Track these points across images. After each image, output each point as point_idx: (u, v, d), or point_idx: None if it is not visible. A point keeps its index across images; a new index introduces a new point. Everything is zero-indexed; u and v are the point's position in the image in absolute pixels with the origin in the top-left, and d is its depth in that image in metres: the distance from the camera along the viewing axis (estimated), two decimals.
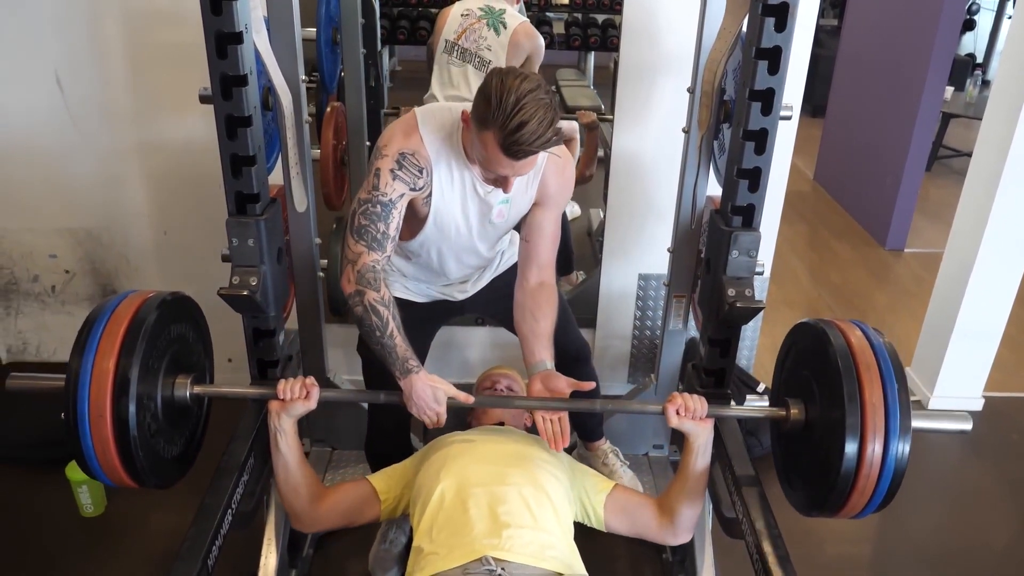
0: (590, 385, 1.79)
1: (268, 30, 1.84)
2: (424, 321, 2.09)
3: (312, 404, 1.72)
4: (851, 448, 1.46)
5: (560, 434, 1.74)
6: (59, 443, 2.55)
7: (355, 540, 2.26)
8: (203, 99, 1.70)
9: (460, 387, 2.54)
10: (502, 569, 1.51)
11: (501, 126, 1.48)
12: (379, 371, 2.04)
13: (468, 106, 1.61)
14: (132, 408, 1.48)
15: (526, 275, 1.87)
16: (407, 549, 2.13)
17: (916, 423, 1.50)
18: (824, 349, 1.56)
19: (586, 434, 2.41)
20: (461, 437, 1.87)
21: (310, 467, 1.82)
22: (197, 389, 1.69)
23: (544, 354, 1.80)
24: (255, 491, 1.85)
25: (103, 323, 1.52)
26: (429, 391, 1.69)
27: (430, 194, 1.73)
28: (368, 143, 2.78)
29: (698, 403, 1.71)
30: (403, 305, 1.97)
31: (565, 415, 1.76)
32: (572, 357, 2.17)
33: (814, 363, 1.62)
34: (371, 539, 2.22)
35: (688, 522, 1.81)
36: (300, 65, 1.95)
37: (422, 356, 2.13)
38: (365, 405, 2.56)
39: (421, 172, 1.68)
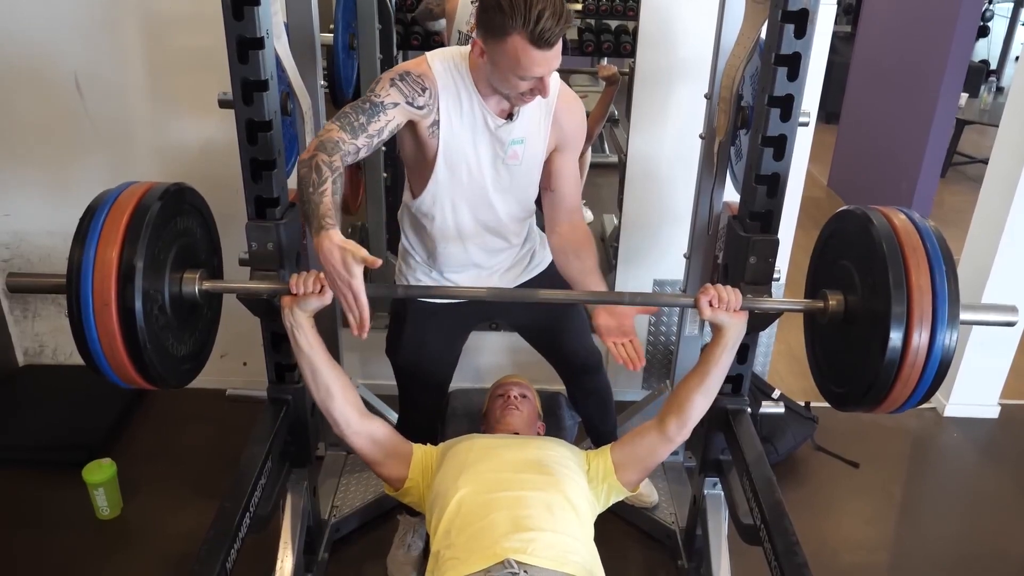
0: (654, 308, 1.78)
1: (287, 35, 1.85)
2: (454, 329, 2.07)
3: (327, 299, 1.62)
4: (896, 336, 1.40)
5: (635, 356, 1.75)
6: (76, 446, 2.60)
7: (372, 544, 2.27)
8: (222, 103, 1.71)
9: (472, 392, 2.57)
10: (524, 572, 1.49)
11: (524, 23, 1.49)
12: (411, 376, 2.04)
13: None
14: (138, 297, 1.41)
15: (556, 221, 1.90)
16: (425, 554, 2.13)
17: (963, 315, 1.43)
18: (867, 234, 1.49)
19: (600, 440, 2.40)
20: (480, 442, 1.86)
21: (340, 369, 1.75)
22: (206, 285, 1.62)
23: (599, 288, 1.84)
24: (272, 494, 1.85)
25: (105, 212, 1.45)
26: (337, 252, 1.44)
27: (437, 122, 1.71)
28: (383, 147, 2.78)
29: (732, 294, 1.65)
30: (429, 309, 1.97)
31: (635, 337, 1.78)
32: (582, 364, 2.17)
33: (855, 250, 1.56)
34: (388, 543, 2.23)
35: (695, 419, 1.78)
36: (319, 70, 1.96)
37: (452, 363, 2.13)
38: (388, 415, 2.58)
39: (424, 91, 1.67)
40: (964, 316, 1.44)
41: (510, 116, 1.74)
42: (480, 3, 1.56)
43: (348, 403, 1.74)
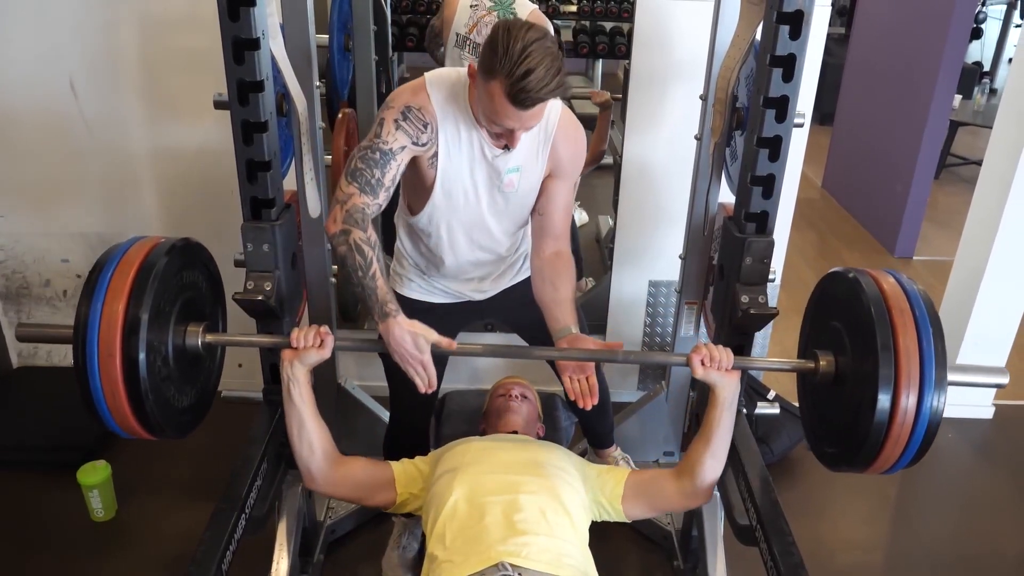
0: (619, 344, 1.77)
1: (283, 36, 1.85)
2: (444, 328, 2.07)
3: (326, 353, 1.67)
4: (884, 399, 1.41)
5: (588, 392, 1.71)
6: (71, 447, 2.59)
7: (367, 545, 2.26)
8: (217, 105, 1.71)
9: (469, 394, 2.57)
10: (519, 575, 1.50)
11: (508, 74, 1.47)
12: (402, 374, 2.04)
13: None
14: (142, 349, 1.44)
15: (541, 246, 1.86)
16: (420, 555, 2.13)
17: (952, 377, 1.45)
18: (856, 297, 1.51)
19: (597, 441, 2.41)
20: (476, 444, 1.86)
21: (324, 425, 1.77)
22: (209, 337, 1.65)
23: (568, 319, 1.77)
24: (267, 496, 1.85)
25: (113, 267, 1.48)
26: (408, 337, 1.61)
27: (436, 154, 1.71)
28: None
29: (724, 354, 1.66)
30: (422, 308, 1.98)
31: (592, 375, 1.74)
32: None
33: (845, 312, 1.57)
34: (383, 544, 2.23)
35: (710, 480, 1.77)
36: (315, 71, 1.96)
37: (443, 361, 2.13)
38: (383, 415, 2.58)
39: (426, 127, 1.67)
40: (952, 378, 1.46)
41: (507, 145, 1.73)
42: (490, 34, 1.53)
43: (326, 458, 1.77)
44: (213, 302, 1.76)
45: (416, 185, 1.79)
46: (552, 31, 2.86)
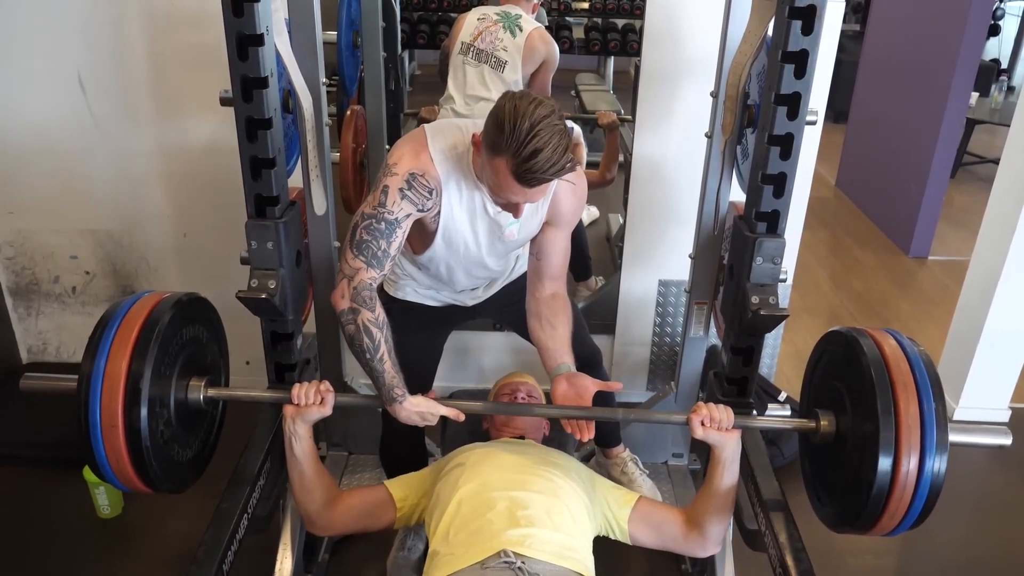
0: (617, 386, 1.76)
1: (289, 32, 1.83)
2: (436, 325, 2.08)
3: (327, 410, 1.70)
4: (885, 464, 1.41)
5: (585, 425, 1.70)
6: (77, 445, 2.59)
7: (371, 546, 2.25)
8: (223, 101, 1.70)
9: (476, 393, 2.56)
10: (522, 563, 1.49)
11: (515, 153, 1.44)
12: None
13: (478, 125, 1.59)
14: (144, 417, 1.46)
15: (538, 288, 1.85)
16: (425, 556, 2.12)
17: (953, 437, 1.44)
18: (857, 359, 1.51)
19: (604, 440, 2.39)
20: (481, 448, 1.85)
21: (325, 471, 1.80)
22: (211, 392, 1.68)
23: (566, 357, 1.78)
24: (271, 495, 1.85)
25: (116, 324, 1.51)
26: (416, 417, 1.71)
27: (439, 213, 1.70)
28: (387, 146, 2.78)
29: (724, 413, 1.66)
30: (415, 308, 1.99)
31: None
32: (583, 362, 2.15)
33: (846, 373, 1.57)
34: (388, 545, 2.21)
35: (717, 535, 1.77)
36: (321, 68, 1.94)
37: (435, 359, 2.14)
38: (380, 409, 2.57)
39: (431, 193, 1.65)
40: (954, 438, 1.45)
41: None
42: (495, 105, 1.50)
43: (326, 502, 1.79)
44: (216, 354, 1.78)
45: (418, 232, 1.77)
46: (556, 50, 2.85)
